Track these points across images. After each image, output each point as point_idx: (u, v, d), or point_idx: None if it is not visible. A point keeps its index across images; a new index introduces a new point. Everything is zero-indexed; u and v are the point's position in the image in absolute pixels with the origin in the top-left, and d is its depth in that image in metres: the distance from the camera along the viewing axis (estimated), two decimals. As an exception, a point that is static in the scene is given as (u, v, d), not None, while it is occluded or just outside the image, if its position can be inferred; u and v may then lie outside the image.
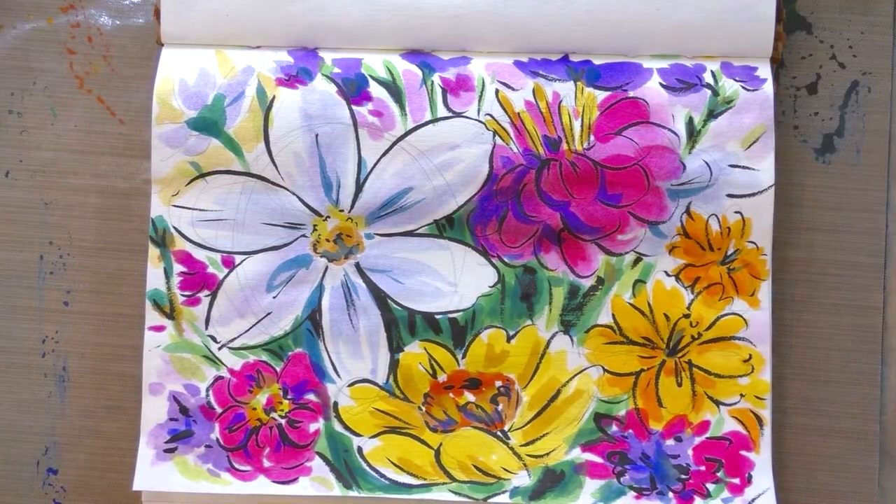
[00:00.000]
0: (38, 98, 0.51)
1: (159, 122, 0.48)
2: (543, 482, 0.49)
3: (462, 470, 0.49)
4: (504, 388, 0.49)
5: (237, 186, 0.49)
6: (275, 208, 0.49)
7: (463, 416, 0.49)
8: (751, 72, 0.49)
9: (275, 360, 0.48)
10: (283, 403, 0.49)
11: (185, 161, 0.48)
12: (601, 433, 0.49)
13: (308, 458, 0.49)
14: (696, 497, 0.48)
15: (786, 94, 0.51)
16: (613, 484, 0.49)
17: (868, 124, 0.50)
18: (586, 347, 0.49)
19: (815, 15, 0.51)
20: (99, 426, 0.45)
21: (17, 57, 0.51)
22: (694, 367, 0.48)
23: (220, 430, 0.48)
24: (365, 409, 0.49)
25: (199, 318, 0.48)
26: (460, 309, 0.49)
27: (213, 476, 0.48)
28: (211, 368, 0.48)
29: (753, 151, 0.48)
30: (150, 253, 0.48)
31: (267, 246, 0.49)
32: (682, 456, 0.49)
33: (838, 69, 0.51)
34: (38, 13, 0.51)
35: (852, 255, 0.46)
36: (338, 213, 0.49)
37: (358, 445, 0.49)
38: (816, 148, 0.50)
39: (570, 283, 0.49)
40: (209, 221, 0.48)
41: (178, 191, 0.48)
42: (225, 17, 0.48)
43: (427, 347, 0.49)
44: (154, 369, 0.48)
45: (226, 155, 0.48)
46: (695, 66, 0.49)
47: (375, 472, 0.49)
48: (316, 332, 0.49)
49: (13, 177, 0.51)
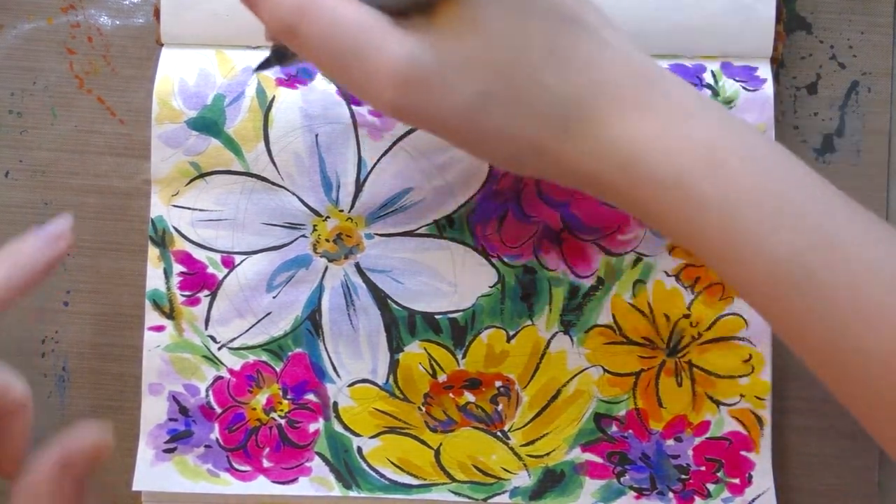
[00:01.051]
0: (38, 98, 0.51)
1: (159, 122, 0.48)
2: (543, 482, 0.49)
3: (462, 470, 0.49)
4: (504, 389, 0.49)
5: (237, 186, 0.49)
6: (275, 208, 0.49)
7: (463, 417, 0.49)
8: (751, 72, 0.49)
9: (274, 360, 0.48)
10: (283, 403, 0.48)
11: (185, 161, 0.48)
12: (601, 433, 0.49)
13: (308, 459, 0.49)
14: (696, 497, 0.48)
15: (786, 94, 0.51)
16: (613, 484, 0.49)
17: (868, 124, 0.50)
18: (586, 347, 0.49)
19: (815, 15, 0.51)
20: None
21: (17, 57, 0.51)
22: (694, 368, 0.48)
23: (220, 430, 0.48)
24: (365, 410, 0.49)
25: (199, 319, 0.48)
26: (460, 309, 0.49)
27: (213, 476, 0.48)
28: (211, 368, 0.48)
29: (753, 151, 0.48)
30: (150, 253, 0.48)
31: (267, 246, 0.49)
32: (682, 456, 0.49)
33: (838, 69, 0.51)
34: (38, 13, 0.51)
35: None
36: (338, 214, 0.49)
37: (358, 445, 0.49)
38: (816, 148, 0.50)
39: (570, 283, 0.49)
40: (209, 221, 0.48)
41: (178, 191, 0.48)
42: (225, 17, 0.48)
43: (427, 347, 0.49)
44: (154, 369, 0.48)
45: (226, 155, 0.48)
46: (695, 67, 0.49)
47: (375, 473, 0.49)
48: (316, 333, 0.49)
49: (13, 177, 0.51)
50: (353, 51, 0.36)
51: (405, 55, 0.35)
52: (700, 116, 0.37)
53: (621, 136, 0.37)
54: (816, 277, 0.36)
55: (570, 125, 0.37)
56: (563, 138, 0.37)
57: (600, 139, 0.37)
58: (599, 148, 0.37)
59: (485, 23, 0.36)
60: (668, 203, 0.37)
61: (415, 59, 0.36)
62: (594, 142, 0.37)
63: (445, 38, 0.36)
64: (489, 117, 0.37)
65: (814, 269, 0.36)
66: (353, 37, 0.36)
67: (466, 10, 0.36)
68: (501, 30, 0.36)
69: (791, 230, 0.36)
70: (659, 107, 0.37)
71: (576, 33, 0.38)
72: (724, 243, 0.37)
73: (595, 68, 0.37)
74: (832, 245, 0.36)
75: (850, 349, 0.36)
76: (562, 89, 0.37)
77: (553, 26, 0.37)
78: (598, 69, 0.37)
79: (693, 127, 0.37)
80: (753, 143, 0.37)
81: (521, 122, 0.37)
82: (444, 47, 0.36)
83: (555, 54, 0.37)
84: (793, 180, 0.37)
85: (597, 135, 0.37)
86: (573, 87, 0.37)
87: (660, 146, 0.37)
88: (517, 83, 0.37)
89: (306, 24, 0.36)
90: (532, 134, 0.38)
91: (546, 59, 0.37)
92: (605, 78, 0.37)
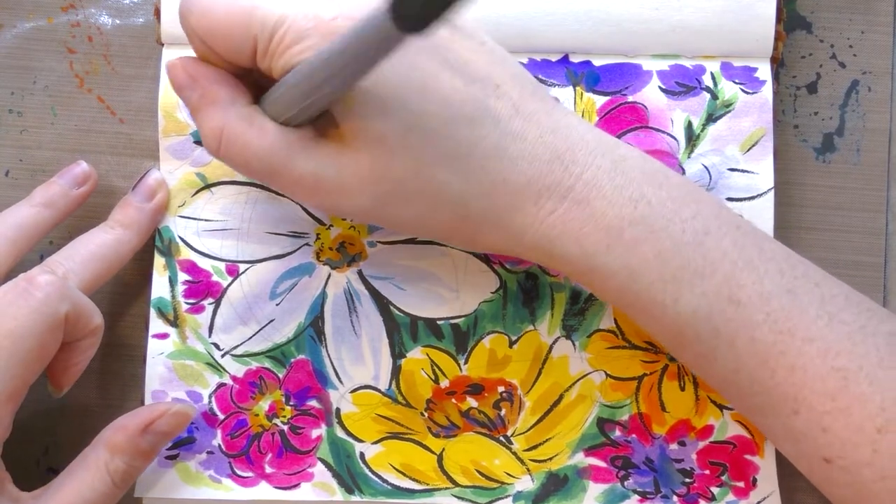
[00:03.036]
0: (38, 97, 0.51)
1: (165, 134, 0.49)
2: (547, 486, 0.49)
3: (465, 475, 0.49)
4: (506, 394, 0.49)
5: (242, 196, 0.49)
6: (279, 217, 0.49)
7: (465, 422, 0.49)
8: (750, 73, 0.48)
9: (277, 366, 0.49)
10: (286, 410, 0.49)
11: (192, 172, 0.49)
12: (604, 438, 0.49)
13: (310, 464, 0.49)
14: (700, 500, 0.48)
15: (786, 93, 0.50)
16: (617, 488, 0.49)
17: (868, 124, 0.50)
18: (588, 352, 0.49)
19: (815, 14, 0.51)
20: (99, 426, 0.46)
21: (17, 56, 0.52)
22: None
23: (222, 436, 0.49)
24: (367, 415, 0.49)
25: (203, 326, 0.49)
26: (462, 315, 0.49)
27: (215, 482, 0.48)
28: (214, 375, 0.49)
29: (753, 155, 0.48)
30: (156, 262, 0.49)
31: (271, 255, 0.49)
32: (685, 460, 0.48)
33: (838, 68, 0.50)
34: (38, 12, 0.52)
35: (852, 255, 0.46)
36: (340, 222, 0.49)
37: (360, 451, 0.49)
38: (816, 147, 0.50)
39: (572, 288, 0.49)
40: (214, 231, 0.49)
41: (185, 201, 0.49)
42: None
43: (429, 353, 0.49)
44: (157, 377, 0.49)
45: (231, 166, 0.49)
46: (695, 68, 0.49)
47: (378, 478, 0.49)
48: (318, 339, 0.49)
49: (13, 176, 0.51)
50: (266, 171, 0.41)
51: (310, 171, 0.40)
52: (609, 193, 0.41)
53: (528, 224, 0.41)
54: (720, 331, 0.41)
55: (479, 218, 0.41)
56: (475, 229, 0.42)
57: (511, 228, 0.42)
58: (510, 235, 0.42)
59: (380, 139, 0.40)
60: (578, 272, 0.42)
61: (319, 173, 0.40)
62: (505, 231, 0.42)
63: (345, 155, 0.40)
64: (391, 214, 0.42)
65: (717, 326, 0.41)
66: (261, 161, 0.41)
67: (365, 128, 0.40)
68: (396, 144, 0.40)
69: (695, 296, 0.41)
70: (566, 192, 0.41)
71: (480, 133, 0.41)
72: (632, 303, 0.42)
73: (500, 165, 0.41)
74: (736, 302, 0.41)
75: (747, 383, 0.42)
76: (465, 189, 0.41)
77: (453, 131, 0.40)
78: (503, 166, 0.41)
79: (599, 206, 0.41)
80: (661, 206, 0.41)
81: (427, 215, 0.42)
82: (343, 162, 0.40)
83: (456, 158, 0.40)
84: (695, 244, 0.41)
85: (507, 226, 0.42)
86: (476, 187, 0.41)
87: (565, 230, 0.41)
88: (417, 188, 0.41)
89: (224, 149, 0.41)
90: (444, 226, 0.42)
91: (446, 164, 0.40)
92: (507, 175, 0.41)
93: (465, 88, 0.40)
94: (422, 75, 0.40)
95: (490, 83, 0.41)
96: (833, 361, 0.40)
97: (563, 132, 0.42)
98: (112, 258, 0.47)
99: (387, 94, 0.39)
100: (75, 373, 0.46)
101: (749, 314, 0.41)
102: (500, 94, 0.41)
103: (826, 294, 0.42)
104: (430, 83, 0.40)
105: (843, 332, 0.41)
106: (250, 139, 0.40)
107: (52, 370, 0.45)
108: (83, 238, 0.47)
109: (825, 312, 0.41)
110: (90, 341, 0.45)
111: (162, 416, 0.46)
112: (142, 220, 0.48)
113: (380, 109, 0.39)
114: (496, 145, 0.41)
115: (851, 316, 0.41)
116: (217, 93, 0.41)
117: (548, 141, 0.41)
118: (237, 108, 0.41)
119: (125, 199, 0.49)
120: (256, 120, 0.41)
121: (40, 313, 0.42)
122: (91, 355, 0.46)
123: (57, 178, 0.48)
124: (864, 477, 0.40)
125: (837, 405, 0.40)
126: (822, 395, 0.40)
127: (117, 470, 0.44)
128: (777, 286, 0.41)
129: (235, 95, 0.41)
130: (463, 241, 0.44)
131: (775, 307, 0.41)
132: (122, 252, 0.47)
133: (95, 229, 0.48)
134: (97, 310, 0.45)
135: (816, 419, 0.41)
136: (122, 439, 0.45)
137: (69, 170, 0.49)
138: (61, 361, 0.45)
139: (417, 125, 0.40)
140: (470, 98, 0.40)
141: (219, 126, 0.40)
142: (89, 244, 0.47)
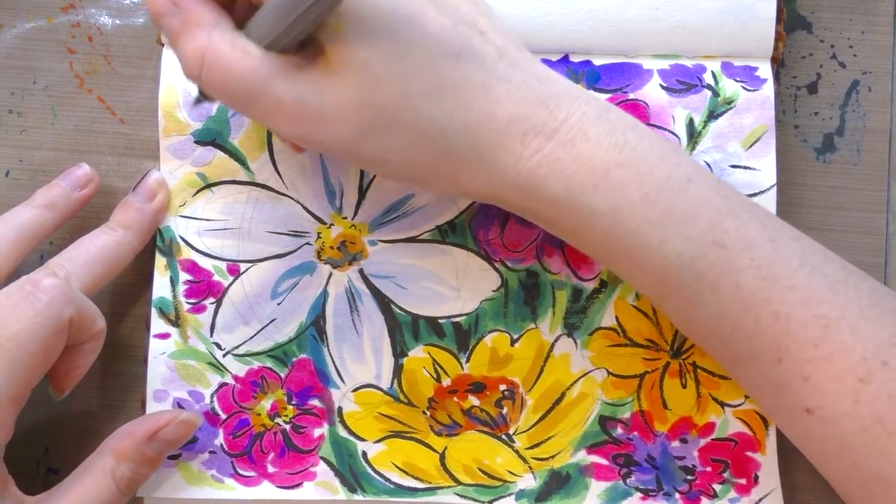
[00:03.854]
0: (38, 98, 0.51)
1: (166, 134, 0.49)
2: (549, 484, 0.49)
3: (467, 473, 0.49)
4: (508, 392, 0.49)
5: (242, 196, 0.49)
6: (279, 217, 0.49)
7: (467, 420, 0.49)
8: (751, 72, 0.49)
9: (279, 366, 0.49)
10: (288, 409, 0.49)
11: (193, 172, 0.49)
12: (606, 436, 0.49)
13: (312, 464, 0.49)
14: (702, 497, 0.48)
15: (786, 93, 0.51)
16: (619, 485, 0.49)
17: (868, 124, 0.50)
18: (590, 350, 0.49)
19: (816, 14, 0.51)
20: (99, 426, 0.46)
21: (17, 56, 0.51)
22: (698, 369, 0.48)
23: (225, 435, 0.49)
24: (369, 414, 0.49)
25: (205, 326, 0.49)
26: (464, 313, 0.49)
27: (217, 482, 0.48)
28: (215, 375, 0.49)
29: (754, 152, 0.48)
30: (157, 262, 0.49)
31: (272, 254, 0.49)
32: (687, 457, 0.48)
33: (839, 69, 0.51)
34: (38, 12, 0.51)
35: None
36: (341, 221, 0.49)
37: (362, 450, 0.49)
38: (817, 147, 0.50)
39: (573, 286, 0.49)
40: (215, 231, 0.49)
41: (186, 201, 0.49)
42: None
43: (431, 352, 0.49)
44: (159, 376, 0.49)
45: (231, 165, 0.49)
46: (695, 67, 0.49)
47: (380, 477, 0.49)
48: (320, 338, 0.49)
49: (13, 176, 0.51)
50: (247, 95, 0.40)
51: (292, 96, 0.39)
52: (594, 137, 0.41)
53: (512, 163, 0.41)
54: (704, 275, 0.41)
55: (461, 154, 0.41)
56: (458, 167, 0.41)
57: (494, 166, 0.41)
58: (494, 173, 0.42)
59: (367, 65, 0.39)
60: (563, 214, 0.42)
61: (300, 98, 0.39)
62: (488, 168, 0.41)
63: (329, 80, 0.39)
64: (373, 148, 0.41)
65: (702, 271, 0.41)
66: (243, 83, 0.39)
67: (351, 54, 0.39)
68: (382, 71, 0.39)
69: (679, 239, 0.41)
70: (552, 133, 0.41)
71: (465, 70, 0.41)
72: (616, 249, 0.42)
73: (484, 103, 0.41)
74: (720, 246, 0.41)
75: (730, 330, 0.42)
76: (449, 124, 0.40)
77: (439, 66, 0.40)
78: (488, 103, 0.41)
79: (585, 148, 0.41)
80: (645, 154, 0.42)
81: (410, 152, 0.41)
82: (326, 88, 0.39)
83: (441, 92, 0.40)
84: (679, 188, 0.41)
85: (490, 163, 0.41)
86: (461, 123, 0.41)
87: (551, 170, 0.41)
88: (401, 119, 0.40)
89: (205, 72, 0.40)
90: (426, 161, 0.41)
91: (431, 97, 0.40)
92: (495, 112, 0.41)
93: (452, 27, 0.41)
94: (410, 8, 0.40)
95: (475, 28, 0.42)
96: (815, 309, 0.41)
97: (548, 82, 0.42)
98: (113, 260, 0.47)
99: (374, 22, 0.39)
100: (77, 376, 0.45)
101: (733, 259, 0.41)
102: (486, 40, 0.42)
103: (807, 248, 0.42)
104: (418, 16, 0.40)
105: (825, 283, 0.41)
106: (233, 61, 0.39)
107: (53, 373, 0.45)
108: (84, 240, 0.47)
109: (807, 263, 0.42)
110: (93, 345, 0.45)
111: (169, 424, 0.46)
112: (143, 222, 0.48)
113: (367, 35, 0.39)
114: (482, 83, 0.41)
115: (832, 269, 0.42)
116: (201, 15, 0.40)
117: (533, 86, 0.42)
118: (220, 30, 0.40)
119: (126, 200, 0.48)
120: (240, 42, 0.40)
121: (45, 317, 0.42)
122: (93, 359, 0.45)
123: (59, 181, 0.48)
124: (844, 428, 0.40)
125: (819, 353, 0.40)
126: (805, 343, 0.41)
127: (123, 477, 0.44)
128: (760, 235, 0.42)
129: (219, 18, 0.40)
130: (446, 183, 0.43)
131: (758, 254, 0.41)
132: (123, 254, 0.47)
133: (96, 231, 0.47)
134: (100, 313, 0.45)
135: (798, 367, 0.41)
136: (128, 446, 0.45)
137: (71, 172, 0.49)
138: (63, 364, 0.45)
139: (404, 54, 0.40)
140: (456, 36, 0.41)
141: (202, 47, 0.39)
142: (90, 246, 0.47)
